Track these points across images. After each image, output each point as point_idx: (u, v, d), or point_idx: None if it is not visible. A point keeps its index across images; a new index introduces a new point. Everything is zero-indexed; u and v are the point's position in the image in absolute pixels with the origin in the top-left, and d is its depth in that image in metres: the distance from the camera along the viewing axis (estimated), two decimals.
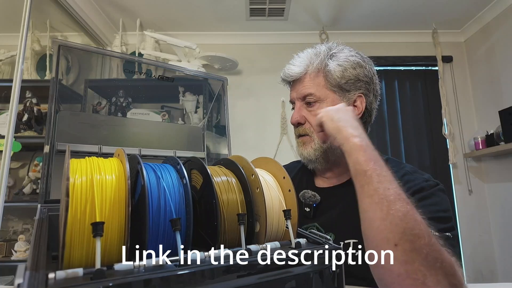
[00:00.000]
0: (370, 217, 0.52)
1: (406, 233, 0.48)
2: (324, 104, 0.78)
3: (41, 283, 0.29)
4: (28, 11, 1.16)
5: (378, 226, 0.50)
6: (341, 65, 0.78)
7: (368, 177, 0.54)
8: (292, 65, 0.82)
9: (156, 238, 0.37)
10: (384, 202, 0.51)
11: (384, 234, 0.49)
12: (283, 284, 0.39)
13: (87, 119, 0.78)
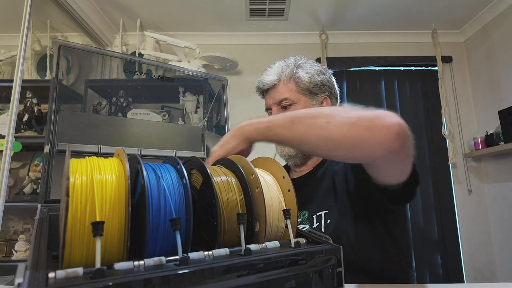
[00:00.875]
0: (300, 136, 0.55)
1: (322, 113, 0.53)
2: (298, 106, 0.89)
3: (41, 283, 0.29)
4: (28, 11, 1.17)
5: (307, 131, 0.54)
6: (308, 72, 0.90)
7: (272, 125, 0.58)
8: (266, 75, 0.94)
9: (156, 237, 0.37)
10: (293, 120, 0.56)
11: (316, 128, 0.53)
12: (283, 284, 0.39)
13: (87, 119, 0.78)
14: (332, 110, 0.54)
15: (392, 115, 0.49)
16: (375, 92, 2.58)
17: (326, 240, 0.46)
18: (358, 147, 0.49)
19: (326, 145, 0.52)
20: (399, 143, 0.47)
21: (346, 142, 0.49)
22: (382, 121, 0.48)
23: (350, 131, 0.49)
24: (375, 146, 0.48)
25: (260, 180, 0.46)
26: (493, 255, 2.38)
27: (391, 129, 0.47)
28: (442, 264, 2.40)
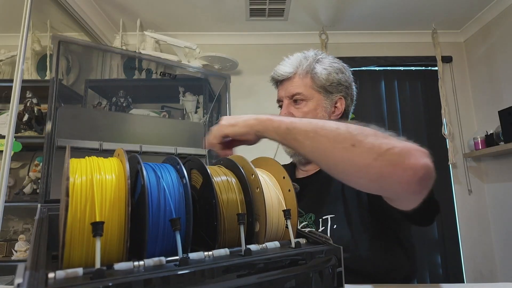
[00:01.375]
0: (322, 150, 0.50)
1: (351, 133, 0.48)
2: (310, 103, 0.86)
3: (41, 283, 0.29)
4: (28, 11, 1.17)
5: (331, 147, 0.49)
6: (326, 69, 0.86)
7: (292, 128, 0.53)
8: (283, 65, 0.90)
9: (156, 237, 0.37)
10: (318, 131, 0.51)
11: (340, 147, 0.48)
12: (283, 284, 0.39)
13: (88, 115, 0.77)
14: (362, 132, 0.48)
15: (421, 154, 0.45)
16: (375, 92, 2.58)
17: (326, 240, 0.46)
18: (379, 181, 0.46)
19: (346, 169, 0.48)
20: (421, 187, 0.45)
21: (369, 173, 0.46)
22: (410, 160, 0.44)
23: (375, 162, 0.45)
24: (397, 184, 0.45)
25: (260, 180, 0.46)
26: (493, 255, 2.38)
27: (417, 171, 0.44)
28: (442, 264, 2.40)
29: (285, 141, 0.55)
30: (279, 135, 0.55)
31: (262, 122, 0.56)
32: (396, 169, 0.44)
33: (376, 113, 2.55)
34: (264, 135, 0.57)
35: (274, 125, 0.55)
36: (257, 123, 0.57)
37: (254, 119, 0.57)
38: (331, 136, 0.49)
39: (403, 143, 0.46)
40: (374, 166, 0.45)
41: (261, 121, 0.57)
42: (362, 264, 0.70)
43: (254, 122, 0.57)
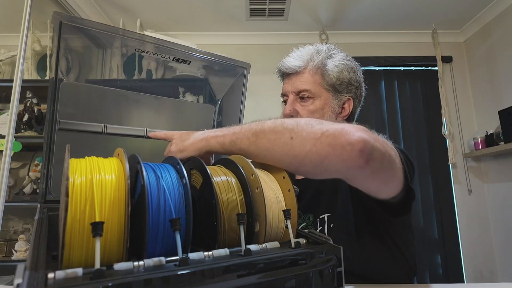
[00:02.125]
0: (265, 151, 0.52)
1: (286, 127, 0.50)
2: (317, 101, 0.82)
3: (40, 283, 0.28)
4: (28, 11, 1.16)
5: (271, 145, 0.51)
6: (338, 66, 0.82)
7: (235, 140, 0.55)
8: (292, 58, 0.84)
9: (155, 238, 0.37)
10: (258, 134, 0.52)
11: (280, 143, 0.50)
12: (283, 284, 0.39)
13: (93, 91, 0.71)
14: (297, 124, 0.50)
15: (357, 130, 0.46)
16: (375, 92, 2.58)
17: (326, 240, 0.46)
18: (322, 164, 0.47)
19: (290, 162, 0.49)
20: (363, 160, 0.45)
21: (310, 159, 0.47)
22: (345, 137, 0.45)
23: (313, 148, 0.46)
24: (339, 163, 0.46)
25: (260, 180, 0.46)
26: (493, 255, 2.38)
27: (354, 145, 0.44)
28: (442, 264, 2.40)
29: (233, 153, 0.55)
30: (226, 149, 0.56)
31: (208, 141, 0.58)
32: (334, 148, 0.45)
33: (376, 113, 2.55)
34: (214, 152, 0.58)
35: (219, 141, 0.57)
36: (204, 145, 0.58)
37: (201, 139, 0.58)
38: (270, 136, 0.51)
39: (337, 124, 0.48)
40: (314, 152, 0.46)
41: (207, 140, 0.58)
42: (358, 262, 0.70)
43: (201, 144, 0.58)
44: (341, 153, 0.45)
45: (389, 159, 0.50)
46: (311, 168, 0.48)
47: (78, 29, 0.56)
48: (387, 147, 0.51)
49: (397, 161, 0.53)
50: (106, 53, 2.49)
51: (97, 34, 0.61)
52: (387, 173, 0.52)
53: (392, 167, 0.52)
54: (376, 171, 0.49)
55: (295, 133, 0.48)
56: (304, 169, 0.49)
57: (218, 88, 0.91)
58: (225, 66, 0.79)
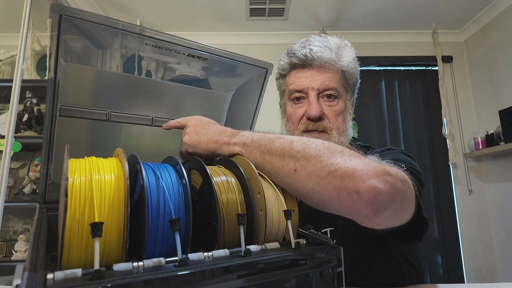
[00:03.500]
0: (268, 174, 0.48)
1: (293, 157, 0.44)
2: (341, 102, 0.72)
3: (39, 284, 0.28)
4: (28, 11, 1.16)
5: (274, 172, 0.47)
6: (351, 63, 0.74)
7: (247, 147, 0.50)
8: (321, 48, 0.73)
9: (155, 238, 0.37)
10: (265, 155, 0.48)
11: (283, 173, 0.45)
12: (283, 285, 0.39)
13: (97, 75, 0.66)
14: (305, 152, 0.43)
15: (371, 176, 0.39)
16: (375, 92, 2.58)
17: (327, 241, 0.46)
18: (324, 205, 0.42)
19: (292, 192, 0.46)
20: (371, 211, 0.39)
21: (312, 198, 0.43)
22: (354, 183, 0.39)
23: (316, 187, 0.41)
24: (344, 208, 0.41)
25: (260, 180, 0.46)
26: (493, 255, 2.38)
27: (362, 195, 0.38)
28: (443, 264, 2.40)
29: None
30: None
31: (220, 147, 0.53)
32: (339, 193, 0.40)
33: (376, 113, 2.55)
34: (220, 154, 0.54)
35: (230, 150, 0.52)
36: (216, 148, 0.54)
37: (214, 141, 0.54)
38: (275, 161, 0.46)
39: (350, 161, 0.41)
40: (317, 191, 0.41)
41: (219, 146, 0.53)
42: (362, 277, 0.67)
43: (213, 147, 0.54)
44: (345, 200, 0.39)
45: (403, 202, 0.44)
46: (313, 205, 0.44)
47: (78, 25, 0.53)
48: (404, 188, 0.43)
49: (411, 199, 0.47)
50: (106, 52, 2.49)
51: (99, 30, 0.57)
52: (399, 215, 0.45)
53: (405, 208, 0.45)
54: (386, 219, 0.43)
55: (299, 165, 0.43)
56: (309, 203, 0.45)
57: (223, 88, 0.84)
58: (234, 67, 0.74)
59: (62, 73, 0.54)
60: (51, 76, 0.52)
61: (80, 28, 0.55)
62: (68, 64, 0.56)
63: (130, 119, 0.66)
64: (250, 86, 0.76)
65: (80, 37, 0.60)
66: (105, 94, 0.65)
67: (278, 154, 0.46)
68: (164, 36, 0.61)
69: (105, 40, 0.66)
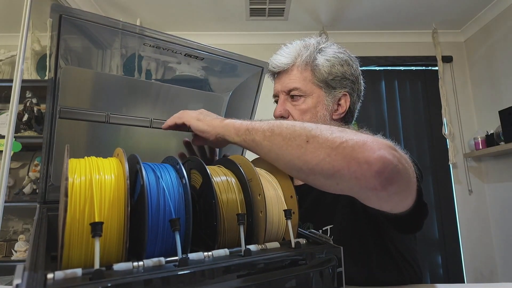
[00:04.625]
0: (277, 148, 0.48)
1: (305, 129, 0.46)
2: (309, 99, 0.77)
3: (39, 284, 0.28)
4: (28, 11, 1.16)
5: (285, 145, 0.47)
6: (329, 60, 0.77)
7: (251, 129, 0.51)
8: (280, 55, 0.80)
9: (155, 238, 0.37)
10: (274, 129, 0.49)
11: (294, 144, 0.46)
12: (283, 284, 0.39)
13: (96, 78, 0.67)
14: (317, 127, 0.45)
15: (380, 147, 0.40)
16: (375, 92, 2.58)
17: (326, 240, 0.46)
18: (334, 178, 0.42)
19: (300, 168, 0.45)
20: (379, 183, 0.40)
21: (322, 168, 0.42)
22: (364, 154, 0.40)
23: (327, 157, 0.42)
24: (352, 180, 0.41)
25: (260, 180, 0.46)
26: (493, 255, 2.38)
27: (372, 165, 0.39)
28: (443, 264, 2.40)
29: (245, 143, 0.52)
30: (239, 136, 0.53)
31: (225, 125, 0.55)
32: (350, 163, 0.40)
33: (376, 113, 2.55)
34: (225, 137, 0.55)
35: (236, 127, 0.53)
36: (220, 126, 0.55)
37: (220, 121, 0.56)
38: (286, 133, 0.47)
39: (360, 135, 0.43)
40: (328, 162, 0.42)
41: (224, 123, 0.55)
42: (362, 273, 0.67)
43: (217, 124, 0.56)
44: (355, 170, 0.40)
45: (408, 180, 0.45)
46: (321, 178, 0.44)
47: (78, 25, 0.53)
48: (408, 167, 0.45)
49: (414, 180, 0.48)
50: (106, 52, 2.49)
51: (99, 30, 0.57)
52: (402, 194, 0.47)
53: (408, 188, 0.46)
54: (392, 194, 0.44)
55: (312, 137, 0.44)
56: (314, 178, 0.45)
57: (221, 88, 0.84)
58: (232, 66, 0.75)
59: (62, 76, 0.54)
60: (51, 76, 0.52)
61: (80, 28, 0.55)
62: (67, 67, 0.56)
63: (129, 121, 0.67)
64: (247, 86, 0.77)
65: (80, 37, 0.60)
66: (104, 96, 0.65)
67: (289, 127, 0.47)
68: (162, 36, 0.61)
69: (105, 40, 0.66)
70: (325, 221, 0.73)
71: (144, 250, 0.36)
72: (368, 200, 0.47)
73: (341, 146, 0.42)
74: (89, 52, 0.67)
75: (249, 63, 0.71)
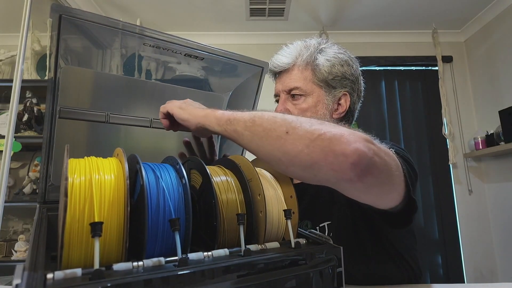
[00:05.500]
0: (258, 140, 0.47)
1: (285, 120, 0.46)
2: (309, 99, 0.78)
3: (39, 284, 0.28)
4: (28, 11, 1.16)
5: (265, 136, 0.47)
6: (329, 60, 0.78)
7: (233, 119, 0.51)
8: (281, 55, 0.81)
9: (155, 238, 0.37)
10: (256, 120, 0.48)
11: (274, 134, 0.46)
12: (283, 284, 0.39)
13: (97, 78, 0.67)
14: (297, 119, 0.46)
15: (357, 140, 0.42)
16: (375, 92, 2.58)
17: (326, 240, 0.46)
18: (311, 169, 0.43)
19: (280, 159, 0.45)
20: (355, 174, 0.41)
21: (300, 160, 0.43)
22: (341, 146, 0.41)
23: (305, 149, 0.42)
24: (329, 172, 0.42)
25: (260, 180, 0.46)
26: (493, 255, 2.38)
27: (348, 157, 0.40)
28: (443, 264, 2.40)
29: (226, 132, 0.51)
30: (220, 126, 0.52)
31: (207, 114, 0.54)
32: (326, 155, 0.41)
33: (376, 113, 2.55)
34: (206, 127, 0.54)
35: (217, 116, 0.53)
36: (201, 115, 0.55)
37: (202, 109, 0.56)
38: (266, 124, 0.47)
39: (338, 128, 0.44)
40: (306, 153, 0.42)
41: (206, 113, 0.55)
42: (360, 269, 0.68)
43: (199, 113, 0.55)
44: (332, 162, 0.41)
45: (388, 173, 0.46)
46: (300, 170, 0.45)
47: (78, 25, 0.53)
48: (388, 160, 0.46)
49: (397, 174, 0.49)
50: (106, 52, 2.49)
51: (99, 30, 0.58)
52: (383, 188, 0.48)
53: (390, 181, 0.48)
54: (370, 186, 0.45)
55: (292, 128, 0.45)
56: (293, 169, 0.46)
57: (222, 88, 0.85)
58: (233, 66, 0.75)
59: (62, 76, 0.54)
60: (51, 76, 0.52)
61: (80, 28, 0.55)
62: (67, 67, 0.56)
63: (129, 121, 0.67)
64: (247, 86, 0.78)
65: (80, 37, 0.60)
66: (104, 96, 0.65)
67: (270, 118, 0.47)
68: (162, 36, 0.62)
69: (105, 40, 0.66)
70: (323, 218, 0.74)
71: (144, 250, 0.36)
72: (347, 191, 0.48)
73: (319, 138, 0.42)
74: (89, 52, 0.67)
75: (249, 63, 0.72)
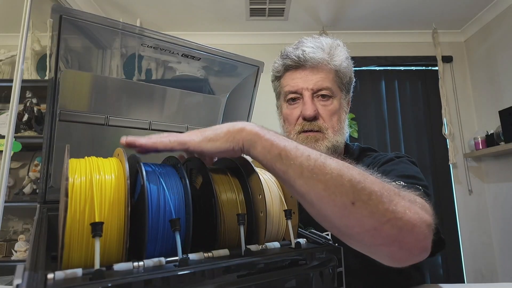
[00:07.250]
0: (314, 196, 0.40)
1: (354, 187, 0.39)
2: (336, 101, 0.73)
3: (39, 284, 0.28)
4: (28, 11, 1.16)
5: (327, 197, 0.39)
6: (348, 64, 0.75)
7: (285, 157, 0.40)
8: (313, 48, 0.75)
9: (155, 238, 0.37)
10: (316, 172, 0.39)
11: (338, 201, 0.39)
12: (283, 285, 0.39)
13: (96, 81, 0.67)
14: (364, 185, 0.38)
15: (426, 234, 0.40)
16: (375, 92, 2.58)
17: (327, 240, 0.46)
18: (369, 248, 0.42)
19: (337, 227, 0.41)
20: (410, 262, 0.41)
21: (362, 239, 0.40)
22: (410, 240, 0.39)
23: (372, 231, 0.38)
24: (385, 257, 0.41)
25: (261, 180, 0.46)
26: (493, 255, 2.38)
27: (412, 252, 0.40)
28: (443, 264, 2.40)
29: (271, 168, 0.42)
30: (268, 159, 0.41)
31: (251, 136, 0.42)
32: (392, 243, 0.40)
33: (376, 113, 2.55)
34: (249, 152, 0.43)
35: (265, 145, 0.41)
36: (245, 136, 0.42)
37: (239, 129, 0.43)
38: (330, 183, 0.38)
39: (411, 211, 0.39)
40: (371, 235, 0.39)
41: (249, 133, 0.42)
42: (364, 276, 0.67)
43: (240, 136, 0.42)
44: (394, 252, 0.40)
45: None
46: (355, 243, 0.42)
47: (78, 26, 0.53)
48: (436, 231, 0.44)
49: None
50: (106, 53, 2.49)
51: (99, 30, 0.58)
52: None
53: None
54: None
55: (360, 201, 0.38)
56: (348, 240, 0.42)
57: (219, 88, 0.85)
58: (231, 66, 0.75)
59: (62, 78, 0.54)
60: (51, 77, 0.52)
61: (81, 28, 0.56)
62: (67, 71, 0.57)
63: (129, 123, 0.68)
64: (244, 87, 0.78)
65: (80, 38, 0.60)
66: (104, 99, 0.66)
67: (335, 176, 0.39)
68: (158, 36, 0.62)
69: (105, 40, 0.66)
70: None
71: (144, 250, 0.36)
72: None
73: (389, 223, 0.38)
74: (89, 52, 0.68)
75: (244, 62, 0.71)
